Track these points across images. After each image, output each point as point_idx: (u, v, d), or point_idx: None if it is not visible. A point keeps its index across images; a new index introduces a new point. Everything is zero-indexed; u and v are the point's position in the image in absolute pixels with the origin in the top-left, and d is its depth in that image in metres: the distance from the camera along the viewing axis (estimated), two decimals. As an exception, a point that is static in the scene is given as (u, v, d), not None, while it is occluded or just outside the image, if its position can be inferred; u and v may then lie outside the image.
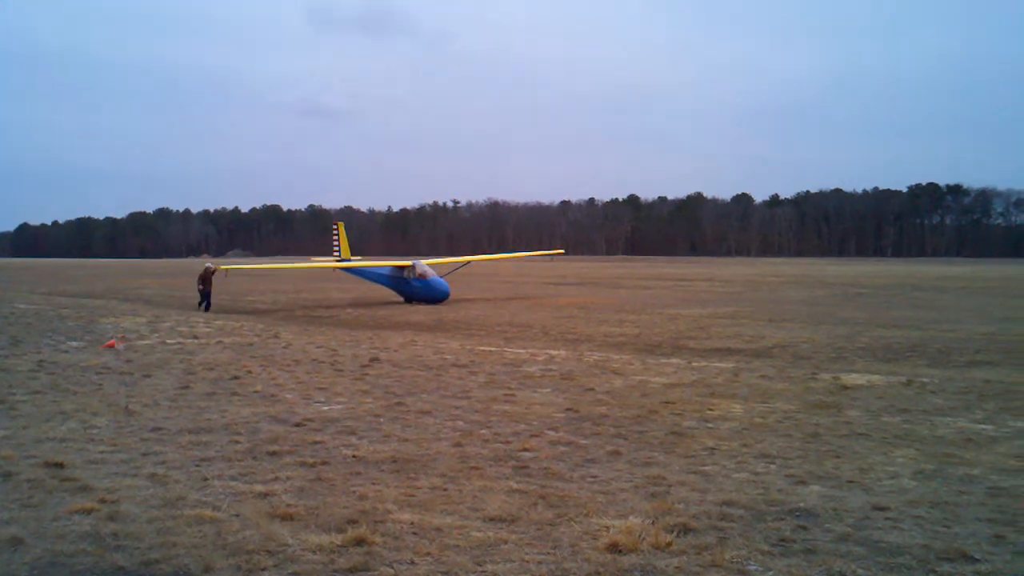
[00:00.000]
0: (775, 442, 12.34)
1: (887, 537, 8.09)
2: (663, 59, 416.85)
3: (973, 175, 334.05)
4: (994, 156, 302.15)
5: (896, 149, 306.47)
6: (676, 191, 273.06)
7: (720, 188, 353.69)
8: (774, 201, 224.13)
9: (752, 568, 7.33)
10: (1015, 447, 12.07)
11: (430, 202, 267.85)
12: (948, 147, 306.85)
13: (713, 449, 11.90)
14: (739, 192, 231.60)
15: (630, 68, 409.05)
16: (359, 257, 60.59)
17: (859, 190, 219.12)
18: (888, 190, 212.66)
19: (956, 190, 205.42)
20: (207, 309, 39.26)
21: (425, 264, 47.37)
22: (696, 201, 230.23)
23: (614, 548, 7.69)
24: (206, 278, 40.78)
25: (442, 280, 45.92)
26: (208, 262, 53.30)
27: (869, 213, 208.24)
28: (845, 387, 17.43)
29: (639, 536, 7.92)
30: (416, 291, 45.12)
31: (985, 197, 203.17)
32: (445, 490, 9.70)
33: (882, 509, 8.97)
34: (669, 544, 7.79)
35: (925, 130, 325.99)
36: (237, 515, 8.52)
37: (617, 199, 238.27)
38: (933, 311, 39.88)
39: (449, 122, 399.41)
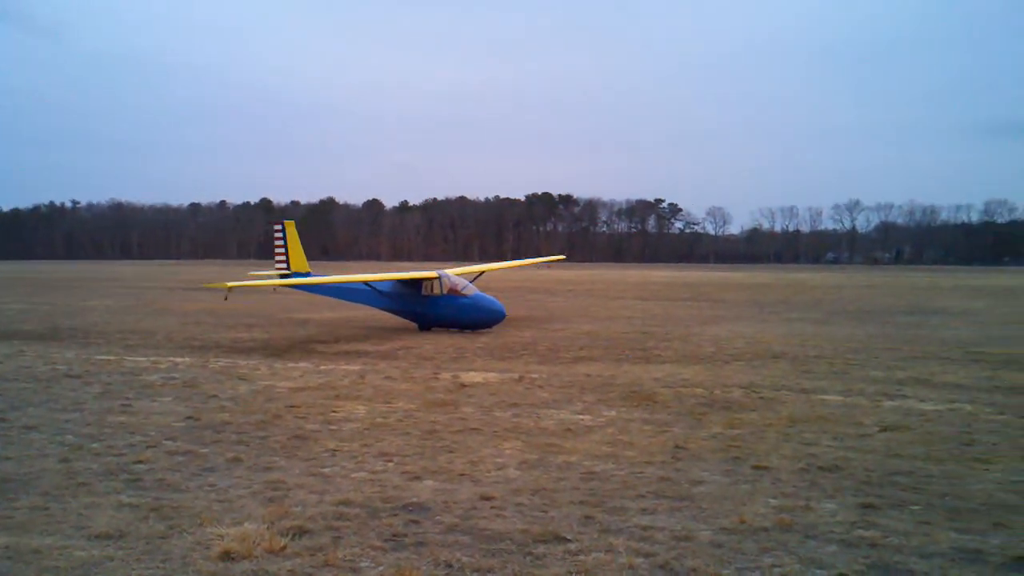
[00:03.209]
0: (394, 441, 12.73)
1: (491, 525, 8.64)
2: (316, 68, 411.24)
3: (582, 186, 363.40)
4: (601, 169, 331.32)
5: (516, 161, 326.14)
6: (309, 196, 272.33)
7: (352, 194, 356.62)
8: (404, 207, 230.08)
9: (364, 565, 7.53)
10: (607, 435, 13.33)
11: (46, 202, 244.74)
12: (562, 160, 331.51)
13: (334, 451, 12.06)
14: (371, 198, 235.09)
15: (259, 71, 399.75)
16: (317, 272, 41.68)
17: (482, 198, 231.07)
18: (508, 198, 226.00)
19: (567, 200, 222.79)
20: None
21: (456, 275, 34.09)
22: (328, 206, 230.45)
23: (227, 556, 7.58)
24: None
25: (489, 296, 33.14)
26: None
27: (491, 219, 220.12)
28: (463, 385, 18.33)
29: (253, 542, 7.87)
30: (449, 312, 31.93)
31: (592, 207, 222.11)
32: (47, 509, 9.07)
33: (489, 499, 9.58)
34: (283, 548, 7.82)
35: (544, 144, 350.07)
36: None
37: (249, 202, 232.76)
38: (545, 311, 42.85)
39: (72, 118, 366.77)
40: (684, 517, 9.02)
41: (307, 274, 36.36)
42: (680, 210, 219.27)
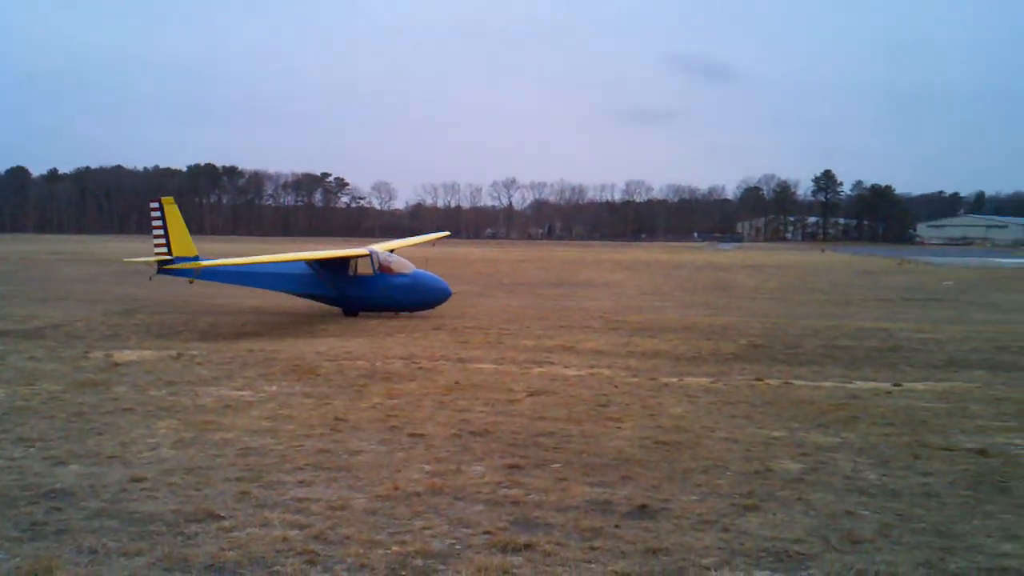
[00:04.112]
0: (37, 425, 11.92)
1: (141, 507, 8.38)
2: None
3: (248, 158, 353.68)
4: (267, 140, 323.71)
5: (177, 132, 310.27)
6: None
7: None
8: (53, 176, 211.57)
9: (-2, 557, 7.08)
10: (267, 410, 13.27)
11: None
12: (227, 131, 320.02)
13: (-35, 440, 11.08)
14: (14, 165, 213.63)
15: None
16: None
17: (140, 168, 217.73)
18: (169, 169, 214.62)
19: (232, 171, 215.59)
20: None
21: (388, 252, 30.87)
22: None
23: None
24: None
25: (430, 273, 30.40)
26: None
27: (151, 190, 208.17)
28: (116, 364, 17.45)
29: None
30: (385, 294, 28.88)
31: (258, 179, 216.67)
32: None
33: (139, 480, 9.26)
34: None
35: (208, 115, 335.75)
36: None
37: None
38: (211, 287, 41.45)
39: None
40: (341, 487, 9.23)
41: (195, 258, 31.28)
42: (347, 184, 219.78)
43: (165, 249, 31.88)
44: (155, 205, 32.64)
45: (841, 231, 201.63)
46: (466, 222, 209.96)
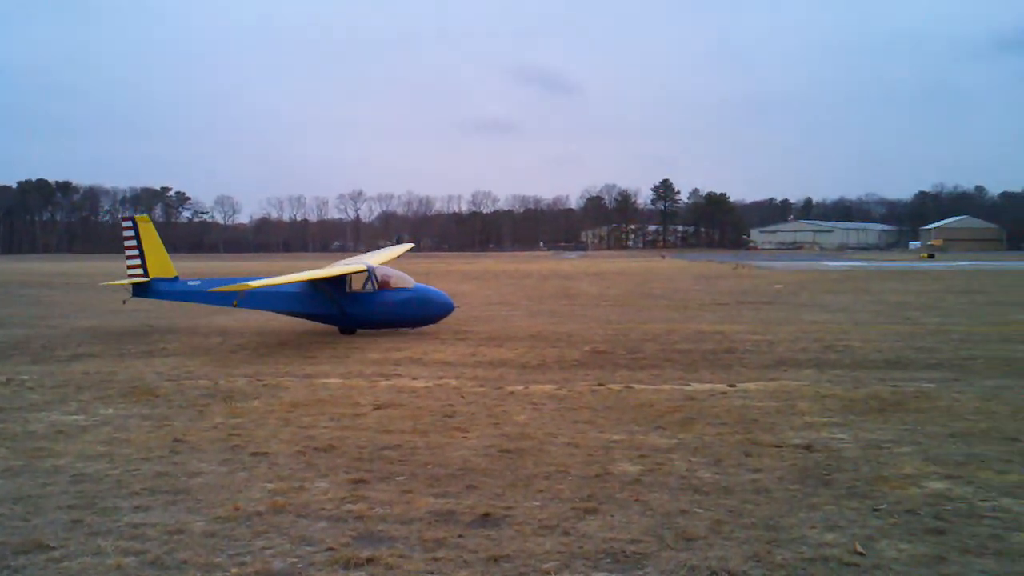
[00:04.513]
0: None
1: (-39, 543, 7.94)
2: None
3: (82, 172, 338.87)
4: (103, 154, 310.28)
5: (4, 145, 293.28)
6: None
7: None
8: None
9: None
10: (102, 434, 12.77)
11: None
12: (60, 145, 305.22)
13: None
14: None
15: None
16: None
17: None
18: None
19: (66, 187, 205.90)
20: None
21: (387, 266, 29.45)
22: None
23: None
24: None
25: (431, 287, 29.28)
26: None
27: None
28: (-66, 393, 16.38)
29: None
30: (387, 310, 27.39)
31: (93, 194, 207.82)
32: None
33: (-46, 517, 8.76)
34: None
35: (32, 128, 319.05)
36: None
37: None
38: (43, 307, 39.54)
39: None
40: (179, 510, 8.98)
41: (174, 279, 29.52)
42: (188, 199, 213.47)
43: (141, 271, 29.64)
44: (128, 224, 30.28)
45: (680, 238, 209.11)
46: (312, 236, 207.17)
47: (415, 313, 27.61)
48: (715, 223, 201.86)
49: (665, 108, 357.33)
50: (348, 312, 27.60)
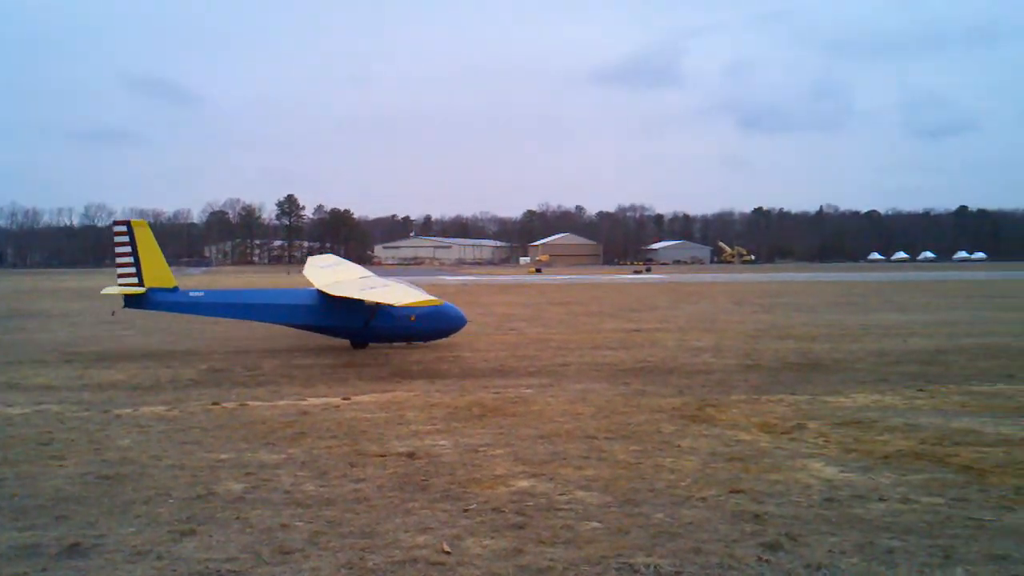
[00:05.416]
0: None
1: None
2: None
3: None
4: None
5: None
6: None
7: None
8: None
9: None
10: None
11: None
12: None
13: None
14: None
15: None
16: None
17: None
18: None
19: None
20: None
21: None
22: None
23: None
24: None
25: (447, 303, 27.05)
26: None
27: None
28: None
29: None
30: (405, 324, 26.53)
31: None
32: None
33: None
34: None
35: None
36: None
37: None
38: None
39: None
40: None
41: (174, 289, 26.85)
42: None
43: (135, 279, 26.52)
44: (121, 228, 26.77)
45: (306, 253, 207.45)
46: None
47: (434, 326, 27.34)
48: (340, 238, 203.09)
49: (290, 123, 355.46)
50: (364, 326, 27.04)
